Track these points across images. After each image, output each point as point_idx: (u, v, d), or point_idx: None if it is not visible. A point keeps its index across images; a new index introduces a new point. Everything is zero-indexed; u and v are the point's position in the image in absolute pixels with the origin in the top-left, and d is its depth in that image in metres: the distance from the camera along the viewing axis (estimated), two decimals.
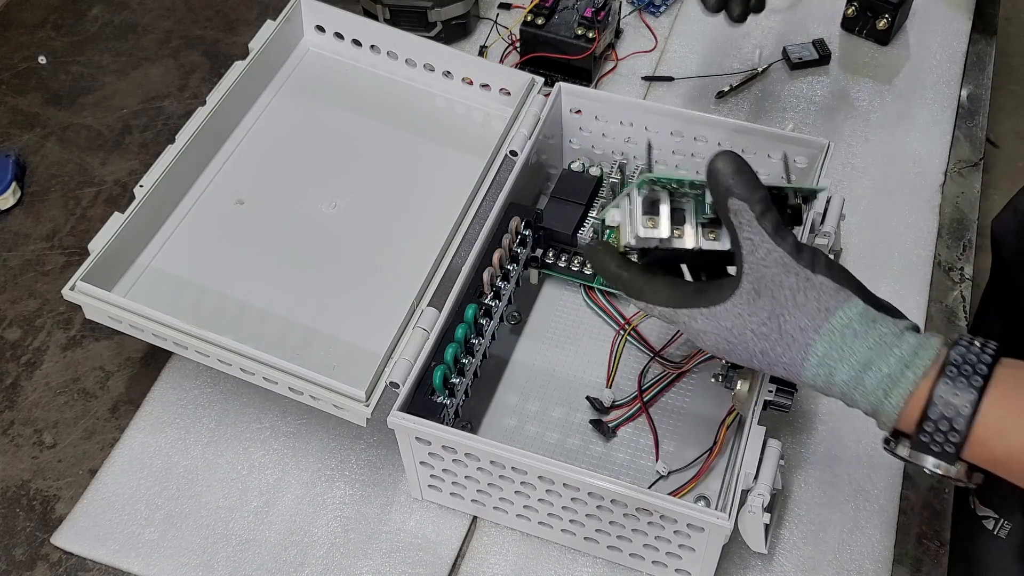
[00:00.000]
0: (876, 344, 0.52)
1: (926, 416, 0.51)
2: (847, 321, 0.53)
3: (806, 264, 0.53)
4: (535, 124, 0.79)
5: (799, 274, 0.53)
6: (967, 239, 0.87)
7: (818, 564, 0.69)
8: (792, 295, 0.53)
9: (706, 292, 0.56)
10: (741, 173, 0.53)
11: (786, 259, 0.53)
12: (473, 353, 0.70)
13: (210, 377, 0.78)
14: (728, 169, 0.53)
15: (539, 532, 0.70)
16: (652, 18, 1.02)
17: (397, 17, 0.96)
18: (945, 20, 1.02)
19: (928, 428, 0.52)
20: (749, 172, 0.54)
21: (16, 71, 1.01)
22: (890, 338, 0.52)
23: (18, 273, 0.86)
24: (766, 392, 0.65)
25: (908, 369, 0.52)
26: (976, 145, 0.94)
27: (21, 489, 0.74)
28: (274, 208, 0.80)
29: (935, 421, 0.51)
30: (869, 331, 0.53)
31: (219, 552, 0.70)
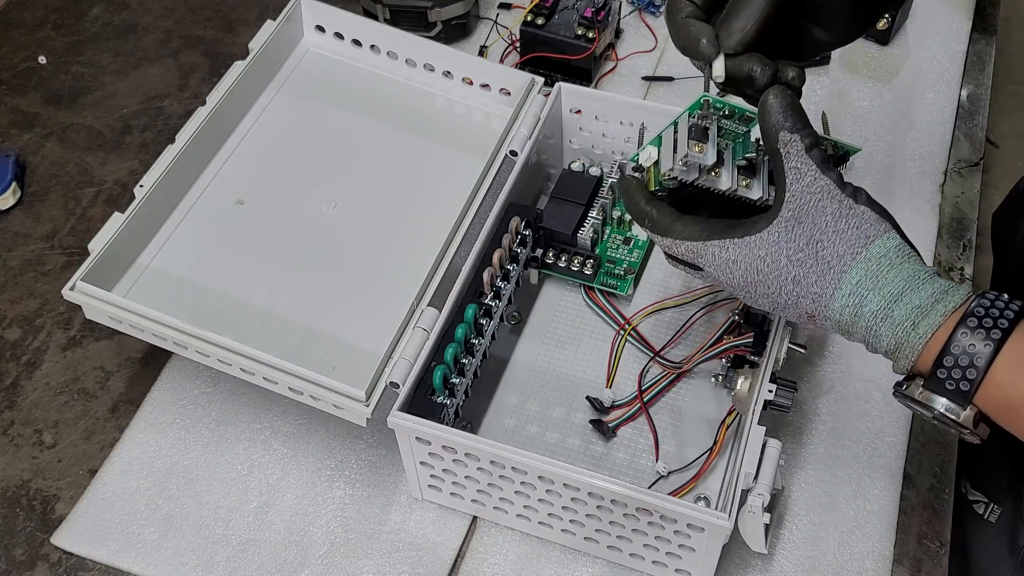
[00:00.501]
0: (910, 277, 0.54)
1: (946, 353, 0.53)
2: (884, 251, 0.55)
3: (849, 194, 0.55)
4: (535, 124, 0.79)
5: (843, 201, 0.55)
6: (967, 239, 0.87)
7: (818, 564, 0.69)
8: (834, 221, 0.55)
9: (739, 226, 0.57)
10: (793, 107, 0.55)
11: (831, 187, 0.55)
12: (473, 353, 0.70)
13: (210, 377, 0.78)
14: (781, 104, 0.55)
15: (539, 532, 0.70)
16: (652, 18, 1.02)
17: (397, 17, 0.96)
18: (945, 20, 1.02)
19: (947, 364, 0.53)
20: (800, 109, 0.56)
21: (16, 71, 1.01)
22: (923, 275, 0.54)
23: (18, 273, 0.86)
24: (766, 392, 0.65)
25: (939, 303, 0.54)
26: (976, 145, 0.94)
27: (21, 489, 0.74)
28: (274, 208, 0.80)
29: (955, 357, 0.53)
30: (904, 264, 0.54)
31: (219, 552, 0.70)
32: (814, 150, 0.55)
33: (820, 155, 0.55)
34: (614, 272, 0.80)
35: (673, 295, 0.80)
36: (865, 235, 0.55)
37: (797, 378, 0.75)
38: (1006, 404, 0.53)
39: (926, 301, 0.54)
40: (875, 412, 0.76)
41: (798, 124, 0.55)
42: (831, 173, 0.55)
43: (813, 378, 0.78)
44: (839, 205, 0.55)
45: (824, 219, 0.55)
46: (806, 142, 0.55)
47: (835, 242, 0.55)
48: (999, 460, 0.82)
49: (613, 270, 0.80)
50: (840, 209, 0.55)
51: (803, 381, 0.77)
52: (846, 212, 0.55)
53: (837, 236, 0.55)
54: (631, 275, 0.80)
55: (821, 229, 0.55)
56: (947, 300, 0.54)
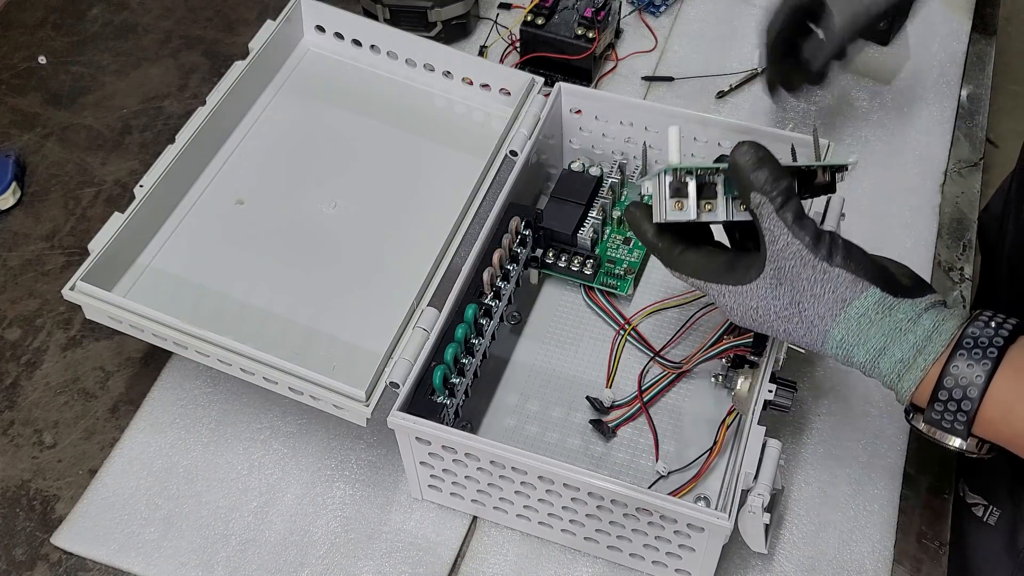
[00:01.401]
0: (890, 331, 0.55)
1: (936, 395, 0.54)
2: (863, 310, 0.55)
3: (823, 256, 0.55)
4: (535, 124, 0.79)
5: (816, 267, 0.55)
6: (967, 239, 0.87)
7: (818, 564, 0.69)
8: (810, 286, 0.56)
9: (734, 269, 0.58)
10: (762, 165, 0.55)
11: (803, 253, 0.55)
12: (473, 353, 0.70)
13: (210, 377, 0.78)
14: (749, 161, 0.55)
15: (539, 532, 0.70)
16: (652, 18, 1.02)
17: (397, 17, 0.96)
18: (945, 20, 1.02)
19: (939, 407, 0.55)
20: (770, 162, 0.55)
21: (16, 71, 1.01)
22: (905, 324, 0.55)
23: (18, 273, 0.86)
24: (766, 392, 0.65)
25: (920, 355, 0.54)
26: (976, 145, 0.94)
27: (21, 489, 0.74)
28: (274, 208, 0.80)
29: (944, 400, 0.54)
30: (884, 319, 0.55)
31: (219, 552, 0.70)
32: (786, 208, 0.55)
33: (793, 213, 0.55)
34: (614, 272, 0.80)
35: (673, 295, 0.80)
36: (842, 299, 0.56)
37: (797, 378, 0.75)
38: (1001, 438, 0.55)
39: (908, 354, 0.55)
40: (875, 412, 0.76)
41: (768, 183, 0.55)
42: (804, 233, 0.55)
43: (813, 378, 0.78)
44: (813, 271, 0.55)
45: (801, 283, 0.56)
46: (776, 203, 0.55)
47: (814, 305, 0.56)
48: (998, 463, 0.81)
49: (613, 270, 0.80)
50: (815, 275, 0.55)
51: (803, 381, 0.77)
52: (820, 277, 0.55)
53: (815, 300, 0.56)
54: (631, 275, 0.80)
55: (800, 291, 0.56)
56: (930, 347, 0.54)
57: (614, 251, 0.81)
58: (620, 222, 0.83)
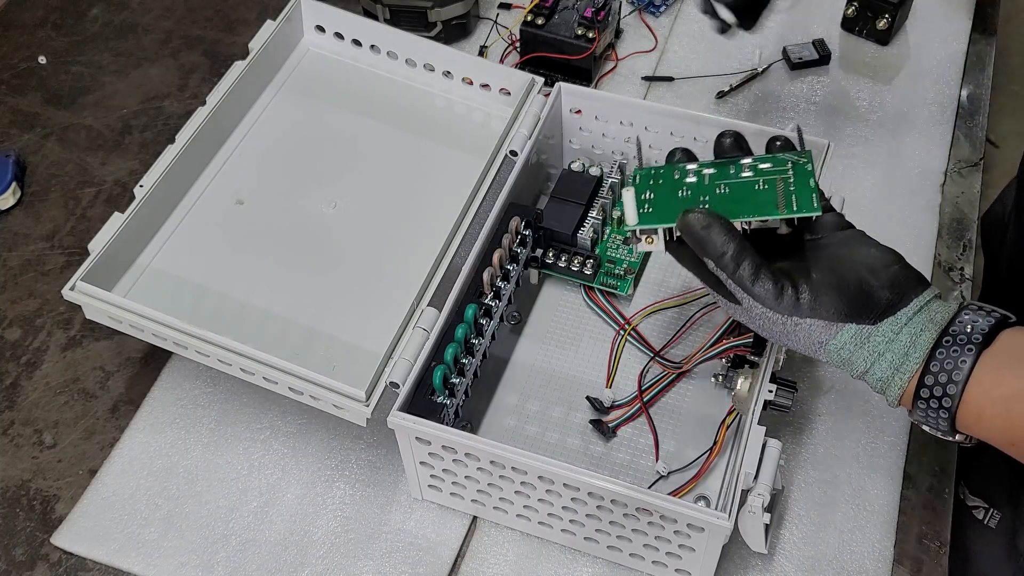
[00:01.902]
0: (869, 355, 0.56)
1: (919, 393, 0.56)
2: (840, 345, 0.57)
3: (788, 311, 0.56)
4: (535, 124, 0.79)
5: (785, 323, 0.57)
6: (967, 239, 0.87)
7: (818, 564, 0.69)
8: (785, 335, 0.58)
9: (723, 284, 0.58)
10: (710, 229, 0.56)
11: (767, 312, 0.57)
12: (473, 353, 0.70)
13: (210, 377, 0.78)
14: (697, 227, 0.56)
15: (539, 532, 0.70)
16: (652, 18, 1.02)
17: (397, 17, 0.96)
18: (945, 20, 1.02)
19: (919, 412, 0.56)
20: (719, 225, 0.56)
21: (16, 71, 1.01)
22: (882, 347, 0.56)
23: (18, 273, 0.86)
24: (766, 392, 0.65)
25: (897, 373, 0.56)
26: (976, 145, 0.94)
27: (21, 489, 0.74)
28: (274, 208, 0.80)
29: (926, 399, 0.55)
30: (862, 347, 0.56)
31: (219, 552, 0.70)
32: (742, 268, 0.56)
33: (750, 273, 0.56)
34: (614, 272, 0.80)
35: (673, 295, 0.80)
36: (817, 341, 0.57)
37: (797, 378, 0.75)
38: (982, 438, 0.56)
39: (886, 373, 0.56)
40: (875, 412, 0.76)
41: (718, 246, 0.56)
42: (765, 294, 0.56)
43: (813, 378, 0.78)
44: (783, 326, 0.57)
45: (775, 331, 0.57)
46: (730, 267, 0.56)
47: (795, 344, 0.58)
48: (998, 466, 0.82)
49: (613, 270, 0.80)
50: (786, 328, 0.57)
51: (803, 381, 0.77)
52: (792, 329, 0.57)
53: (794, 343, 0.58)
54: (631, 275, 0.80)
55: (779, 336, 0.58)
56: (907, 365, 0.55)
57: (614, 251, 0.81)
58: (620, 222, 0.83)
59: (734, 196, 0.60)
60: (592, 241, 0.80)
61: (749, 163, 0.62)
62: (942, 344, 0.55)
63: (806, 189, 0.59)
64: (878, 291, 0.56)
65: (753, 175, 0.61)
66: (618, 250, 0.82)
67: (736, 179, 0.61)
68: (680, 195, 0.61)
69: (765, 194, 0.59)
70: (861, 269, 0.57)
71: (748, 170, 0.61)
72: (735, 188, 0.60)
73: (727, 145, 0.63)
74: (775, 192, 0.59)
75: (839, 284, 0.56)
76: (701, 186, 0.61)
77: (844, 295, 0.56)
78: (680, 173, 0.62)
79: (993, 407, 0.54)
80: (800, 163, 0.61)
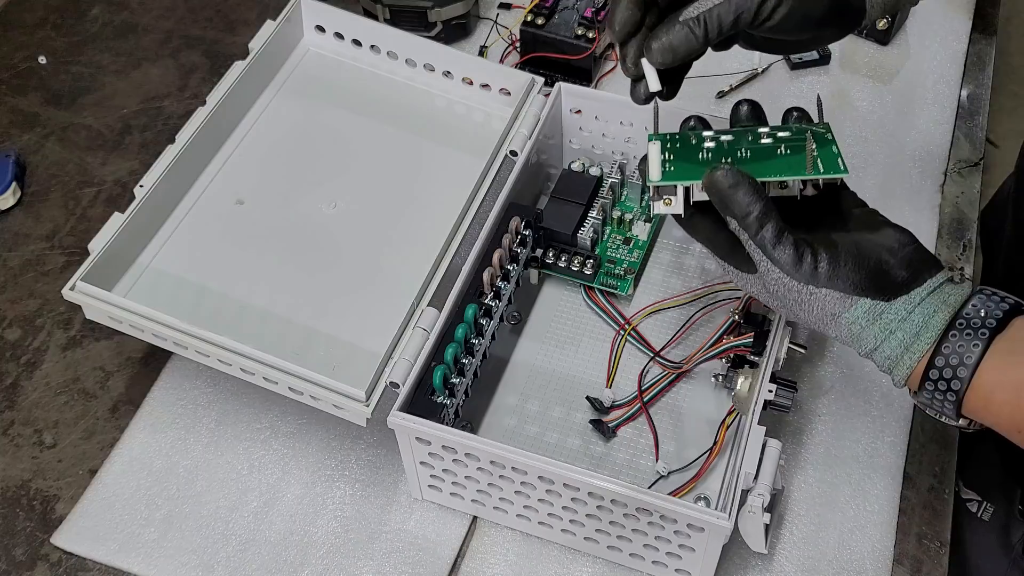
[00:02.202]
0: (880, 332, 0.56)
1: (927, 375, 0.55)
2: (853, 319, 0.56)
3: (806, 279, 0.55)
4: (535, 124, 0.79)
5: (801, 291, 0.56)
6: (967, 239, 0.87)
7: (818, 564, 0.69)
8: (798, 304, 0.57)
9: (735, 253, 0.58)
10: (738, 187, 0.55)
11: (784, 279, 0.56)
12: (473, 353, 0.70)
13: (210, 377, 0.78)
14: (724, 185, 0.55)
15: (539, 532, 0.70)
16: None
17: (397, 17, 0.96)
18: (945, 20, 1.02)
19: (926, 395, 0.56)
20: (747, 184, 0.55)
21: (16, 71, 1.01)
22: (894, 324, 0.55)
23: (18, 273, 0.86)
24: (766, 392, 0.65)
25: (907, 352, 0.55)
26: (976, 145, 0.94)
27: (21, 489, 0.74)
28: (274, 208, 0.80)
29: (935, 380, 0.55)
30: (873, 324, 0.56)
31: (219, 552, 0.70)
32: (762, 236, 0.55)
33: (772, 236, 0.55)
34: (614, 272, 0.80)
35: (673, 295, 0.80)
36: (831, 313, 0.56)
37: (797, 378, 0.75)
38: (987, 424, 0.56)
39: (896, 351, 0.56)
40: (875, 412, 0.76)
41: (743, 206, 0.55)
42: (784, 258, 0.55)
43: (813, 378, 0.78)
44: (798, 294, 0.56)
45: (789, 299, 0.57)
46: (751, 229, 0.55)
47: (807, 314, 0.57)
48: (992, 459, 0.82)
49: (613, 270, 0.80)
50: (800, 296, 0.56)
51: (803, 381, 0.77)
52: (807, 298, 0.56)
53: (806, 313, 0.57)
54: (631, 275, 0.80)
55: (789, 305, 0.57)
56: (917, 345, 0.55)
57: (614, 251, 0.81)
58: (620, 222, 0.83)
59: (757, 159, 0.59)
60: (592, 241, 0.80)
61: (767, 131, 0.61)
62: (955, 327, 0.54)
63: (830, 154, 0.59)
64: (895, 269, 0.56)
65: (773, 142, 0.60)
66: (618, 250, 0.82)
67: (757, 144, 0.60)
68: (701, 157, 0.60)
69: (789, 158, 0.59)
70: (878, 246, 0.56)
71: (767, 138, 0.60)
72: (757, 152, 0.60)
73: (744, 112, 0.63)
74: (801, 155, 0.59)
75: (858, 258, 0.55)
76: (721, 150, 0.60)
77: (863, 269, 0.55)
78: (697, 139, 0.61)
79: (1003, 393, 0.53)
80: (820, 132, 0.60)
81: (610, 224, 0.83)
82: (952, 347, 0.54)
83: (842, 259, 0.55)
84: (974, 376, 0.54)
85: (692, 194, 0.59)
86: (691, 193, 0.59)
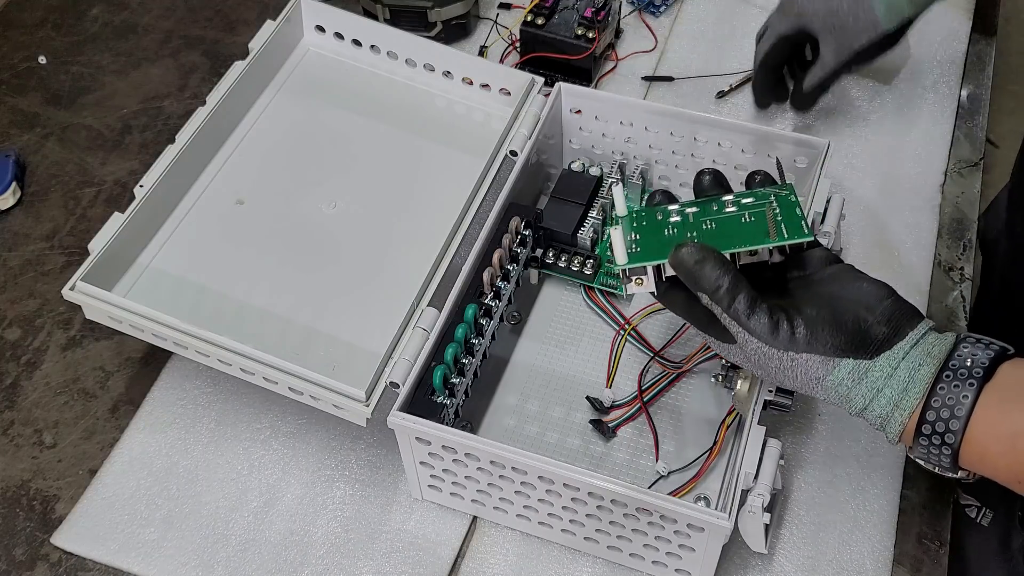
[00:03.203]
0: (867, 391, 0.55)
1: (917, 438, 0.55)
2: (838, 381, 0.55)
3: (784, 346, 0.55)
4: (535, 124, 0.79)
5: (781, 358, 0.56)
6: (967, 239, 0.87)
7: (818, 564, 0.69)
8: (781, 372, 0.57)
9: (714, 324, 0.58)
10: (704, 263, 0.55)
11: (763, 348, 0.56)
12: (473, 353, 0.70)
13: (210, 377, 0.78)
14: (690, 261, 0.56)
15: (539, 532, 0.70)
16: (652, 18, 1.02)
17: (397, 17, 0.96)
18: (945, 20, 1.02)
19: (920, 449, 0.55)
20: (713, 259, 0.56)
21: (16, 71, 1.01)
22: (881, 382, 0.55)
23: (18, 273, 0.86)
24: (766, 392, 0.65)
25: (896, 409, 0.55)
26: (976, 145, 0.94)
27: (21, 489, 0.74)
28: (274, 208, 0.80)
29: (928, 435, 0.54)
30: (859, 383, 0.55)
31: (219, 552, 0.70)
32: (737, 302, 0.55)
33: (745, 307, 0.55)
34: (614, 272, 0.80)
35: None
36: (815, 377, 0.56)
37: None
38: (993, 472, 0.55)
39: (886, 410, 0.55)
40: None
41: (711, 280, 0.55)
42: (760, 328, 0.55)
43: None
44: (779, 362, 0.56)
45: (771, 367, 0.57)
46: (724, 301, 0.55)
47: (792, 380, 0.57)
48: None
49: (613, 270, 0.80)
50: (782, 363, 0.56)
51: None
52: (789, 365, 0.56)
53: (792, 379, 0.57)
54: None
55: (776, 373, 0.57)
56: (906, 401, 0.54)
57: None
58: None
59: (722, 230, 0.59)
60: (592, 241, 0.80)
61: (731, 199, 0.61)
62: (942, 379, 0.53)
63: (794, 217, 0.59)
64: (874, 326, 0.55)
65: (737, 210, 0.60)
66: None
67: (721, 214, 0.60)
68: (667, 234, 0.61)
69: (753, 226, 0.59)
70: (855, 304, 0.56)
71: (731, 206, 0.61)
72: (721, 223, 0.60)
73: (707, 183, 0.63)
74: (764, 222, 0.59)
75: (834, 318, 0.55)
76: (686, 224, 0.61)
77: (841, 329, 0.55)
78: (663, 214, 0.62)
79: (998, 444, 0.52)
80: (783, 195, 0.61)
81: (610, 224, 0.83)
82: (942, 400, 0.53)
83: (819, 322, 0.55)
84: (967, 428, 0.53)
85: (664, 270, 0.59)
86: (662, 269, 0.59)
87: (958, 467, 0.55)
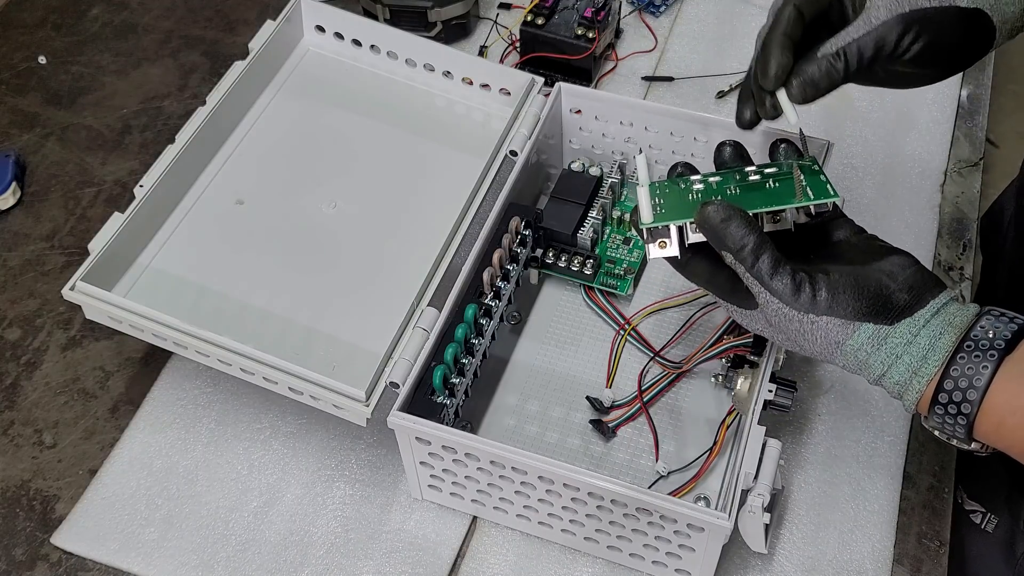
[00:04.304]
0: (886, 357, 0.55)
1: (937, 399, 0.54)
2: (858, 346, 0.55)
3: (805, 307, 0.55)
4: (535, 124, 0.79)
5: (802, 320, 0.55)
6: (967, 239, 0.87)
7: (818, 564, 0.69)
8: (801, 334, 0.56)
9: (736, 292, 0.58)
10: (730, 221, 0.55)
11: (784, 309, 0.55)
12: (473, 353, 0.70)
13: (210, 377, 0.78)
14: (716, 219, 0.55)
15: (539, 532, 0.70)
16: (652, 18, 1.02)
17: (397, 17, 0.96)
18: None
19: (936, 419, 0.55)
20: (739, 218, 0.55)
21: (16, 71, 1.01)
22: (900, 348, 0.55)
23: (18, 273, 0.86)
24: (766, 392, 0.65)
25: (915, 376, 0.55)
26: (976, 145, 0.94)
27: (21, 489, 0.74)
28: (274, 208, 0.80)
29: (944, 404, 0.54)
30: (879, 349, 0.55)
31: (219, 552, 0.70)
32: (760, 262, 0.55)
33: (768, 268, 0.55)
34: (614, 272, 0.80)
35: (673, 295, 0.80)
36: (835, 341, 0.56)
37: (797, 378, 0.75)
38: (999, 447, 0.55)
39: (904, 376, 0.55)
40: (875, 412, 0.76)
41: (737, 239, 0.55)
42: (783, 289, 0.55)
43: (813, 378, 0.78)
44: (799, 324, 0.56)
45: (792, 329, 0.56)
46: (747, 262, 0.55)
47: (812, 344, 0.56)
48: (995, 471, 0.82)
49: (613, 270, 0.80)
50: (802, 326, 0.56)
51: (803, 381, 0.77)
52: (809, 328, 0.56)
53: (810, 343, 0.56)
54: (631, 275, 0.80)
55: (792, 336, 0.57)
56: (925, 368, 0.54)
57: (614, 251, 0.81)
58: (620, 222, 0.83)
59: (746, 195, 0.59)
60: (592, 241, 0.80)
61: (754, 170, 0.61)
62: (963, 349, 0.53)
63: (818, 182, 0.59)
64: (896, 293, 0.55)
65: (761, 178, 0.60)
66: (618, 250, 0.82)
67: (745, 182, 0.60)
68: (691, 198, 0.60)
69: (778, 190, 0.59)
70: (877, 271, 0.56)
71: (755, 174, 0.61)
72: (745, 188, 0.60)
73: (728, 155, 0.63)
74: (790, 184, 0.59)
75: (856, 283, 0.55)
76: (710, 190, 0.60)
77: (862, 294, 0.55)
78: (685, 183, 0.61)
79: (1014, 417, 0.52)
80: (806, 165, 0.60)
81: (610, 224, 0.83)
82: (961, 369, 0.53)
83: (840, 285, 0.55)
84: (984, 399, 0.53)
85: (687, 236, 0.59)
86: (685, 235, 0.59)
87: (972, 439, 0.55)
